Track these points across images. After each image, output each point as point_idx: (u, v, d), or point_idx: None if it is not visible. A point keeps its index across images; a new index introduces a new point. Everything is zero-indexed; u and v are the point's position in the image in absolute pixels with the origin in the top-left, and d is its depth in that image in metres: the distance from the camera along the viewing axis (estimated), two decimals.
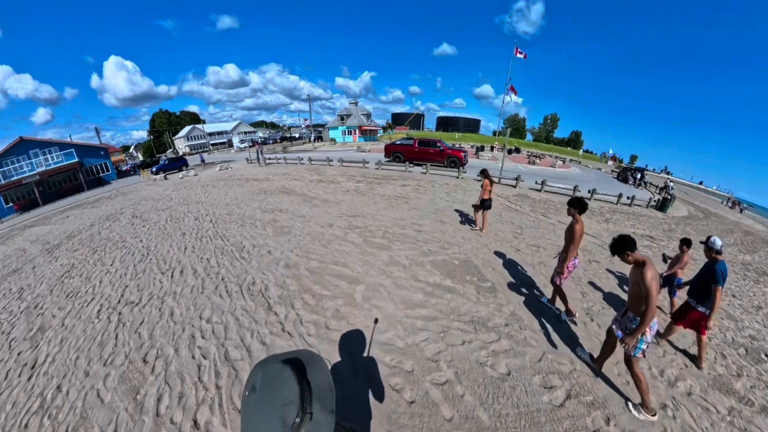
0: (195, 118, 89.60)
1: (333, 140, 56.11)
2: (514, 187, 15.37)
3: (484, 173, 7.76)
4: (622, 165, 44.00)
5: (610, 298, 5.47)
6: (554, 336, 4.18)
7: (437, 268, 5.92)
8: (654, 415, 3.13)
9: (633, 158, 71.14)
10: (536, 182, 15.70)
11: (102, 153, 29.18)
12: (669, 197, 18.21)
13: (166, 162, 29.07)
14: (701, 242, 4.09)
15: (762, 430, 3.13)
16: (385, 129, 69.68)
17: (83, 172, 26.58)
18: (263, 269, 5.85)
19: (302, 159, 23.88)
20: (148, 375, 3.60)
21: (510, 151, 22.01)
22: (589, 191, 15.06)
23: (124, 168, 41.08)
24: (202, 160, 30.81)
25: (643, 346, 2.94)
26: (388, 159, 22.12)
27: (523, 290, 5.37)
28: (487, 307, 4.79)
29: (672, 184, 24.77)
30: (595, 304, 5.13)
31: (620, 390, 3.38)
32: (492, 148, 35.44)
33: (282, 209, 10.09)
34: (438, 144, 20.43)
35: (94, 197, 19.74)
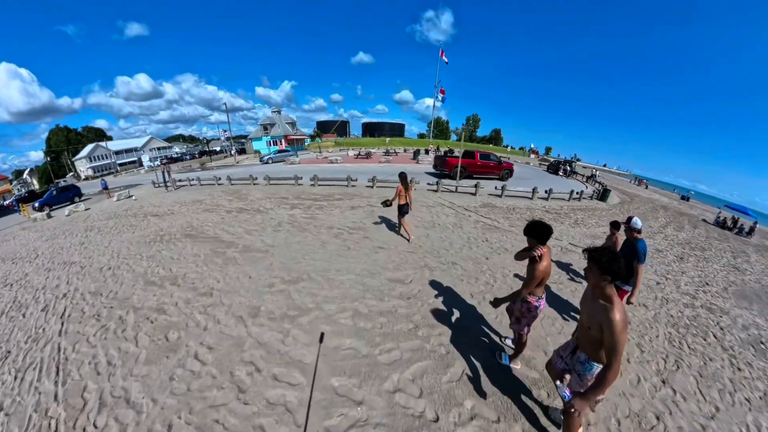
0: (100, 134, 74.48)
1: (257, 152, 49.08)
2: (474, 194, 13.33)
3: (400, 177, 6.82)
4: (548, 158, 46.23)
5: None
6: None
7: (483, 403, 3.01)
8: None
9: (548, 150, 76.63)
10: (495, 188, 13.94)
11: None
12: (602, 185, 18.22)
13: (53, 193, 20.78)
14: (622, 222, 4.24)
15: None
16: (312, 137, 64.48)
17: None
18: None
19: (220, 178, 18.83)
20: None
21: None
22: (546, 191, 13.80)
23: (5, 202, 30.11)
24: (105, 187, 21.93)
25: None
26: (441, 171, 18.24)
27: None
28: None
29: (598, 173, 25.79)
30: None
31: None
32: (427, 152, 34.06)
33: (177, 277, 5.98)
34: (497, 157, 18.86)
35: None
